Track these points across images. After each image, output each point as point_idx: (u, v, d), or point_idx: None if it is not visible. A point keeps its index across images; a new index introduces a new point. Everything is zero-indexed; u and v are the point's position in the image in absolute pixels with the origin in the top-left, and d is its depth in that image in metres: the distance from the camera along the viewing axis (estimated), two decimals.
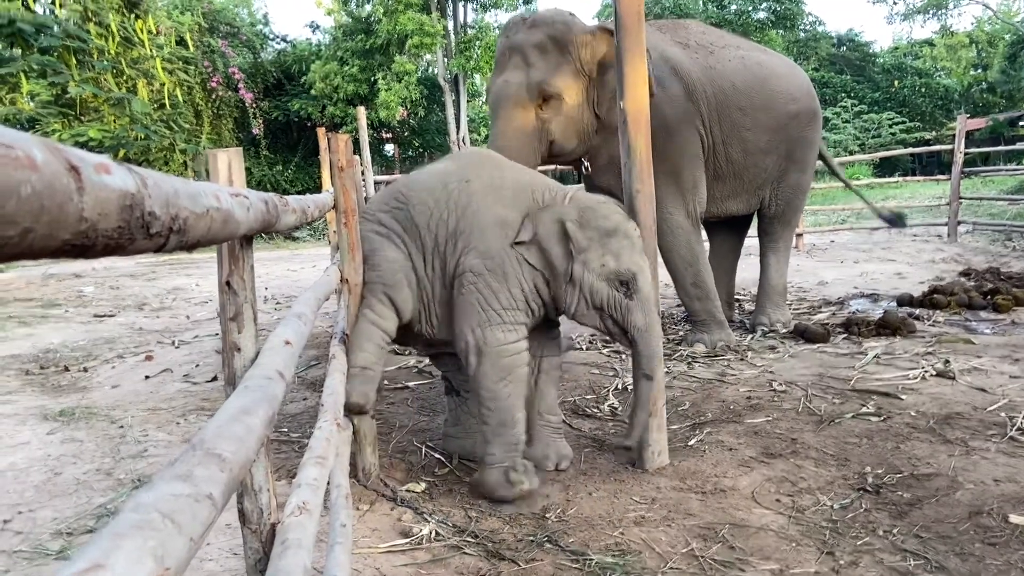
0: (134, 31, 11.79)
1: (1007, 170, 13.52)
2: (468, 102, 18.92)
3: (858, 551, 2.19)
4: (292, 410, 3.68)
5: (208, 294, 7.79)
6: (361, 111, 9.55)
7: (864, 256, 8.68)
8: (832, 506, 2.48)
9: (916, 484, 2.60)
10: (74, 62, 9.67)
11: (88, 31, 10.24)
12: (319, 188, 11.31)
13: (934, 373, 3.79)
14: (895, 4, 25.15)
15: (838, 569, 2.10)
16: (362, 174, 8.31)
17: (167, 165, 12.56)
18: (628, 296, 2.64)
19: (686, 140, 4.41)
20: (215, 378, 4.33)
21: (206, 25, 15.97)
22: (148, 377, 4.48)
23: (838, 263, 8.24)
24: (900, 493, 2.54)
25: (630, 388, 3.38)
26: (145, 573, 0.53)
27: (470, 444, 2.98)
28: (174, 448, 3.18)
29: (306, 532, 1.25)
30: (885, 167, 20.06)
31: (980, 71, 25.93)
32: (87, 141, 10.17)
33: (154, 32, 12.57)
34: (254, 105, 16.19)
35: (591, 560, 2.18)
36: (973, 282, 6.27)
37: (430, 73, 19.35)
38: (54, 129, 10.20)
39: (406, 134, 19.47)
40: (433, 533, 2.36)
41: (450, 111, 17.78)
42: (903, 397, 3.47)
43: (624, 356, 4.36)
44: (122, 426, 3.52)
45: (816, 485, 2.65)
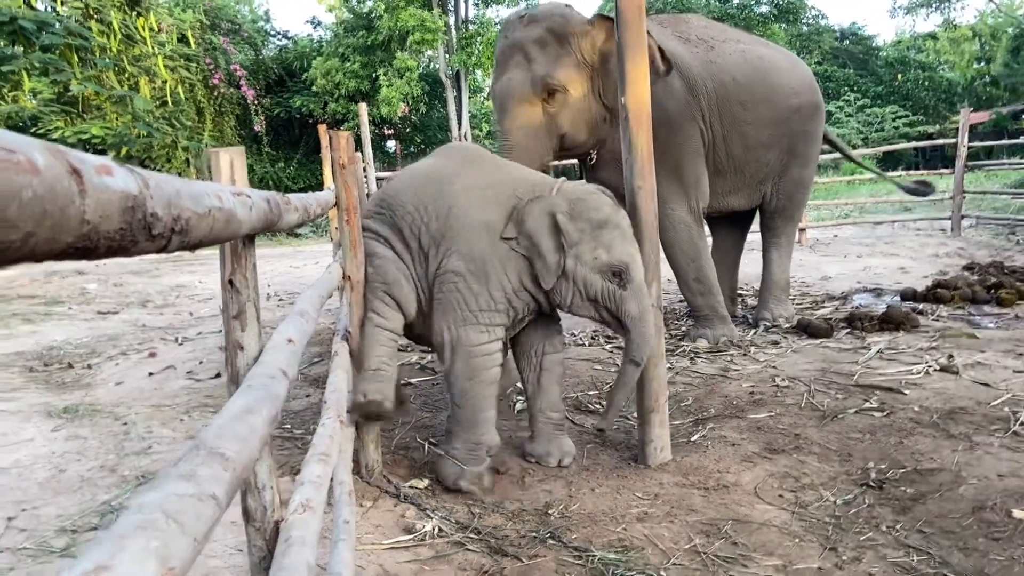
0: (136, 28, 11.77)
1: (1011, 164, 13.49)
2: (470, 98, 18.90)
3: (861, 546, 2.19)
4: (295, 407, 3.69)
5: (211, 291, 7.80)
6: (363, 107, 9.55)
7: (867, 251, 8.66)
8: (835, 502, 2.49)
9: (919, 479, 2.60)
10: (76, 60, 9.66)
11: (90, 28, 10.23)
12: (321, 185, 11.31)
13: (938, 368, 3.79)
14: None
15: (841, 565, 2.10)
16: (364, 171, 8.30)
17: (169, 163, 12.54)
18: (621, 286, 2.66)
19: (688, 135, 4.40)
20: (219, 375, 4.34)
21: (207, 22, 15.93)
22: (152, 374, 4.49)
23: (841, 258, 8.23)
24: (903, 488, 2.54)
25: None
26: (149, 574, 0.54)
27: None
28: (178, 445, 3.19)
29: (310, 529, 1.25)
30: (888, 161, 19.98)
31: (983, 65, 25.75)
32: (90, 139, 10.18)
33: (156, 29, 12.55)
34: (256, 102, 16.16)
35: (594, 556, 2.19)
36: (977, 276, 6.25)
37: (432, 69, 19.30)
38: (56, 127, 10.20)
39: (408, 130, 19.43)
40: (436, 529, 2.37)
41: (452, 107, 17.77)
42: (906, 392, 3.46)
43: None
44: (126, 423, 3.52)
45: (819, 481, 2.65)
